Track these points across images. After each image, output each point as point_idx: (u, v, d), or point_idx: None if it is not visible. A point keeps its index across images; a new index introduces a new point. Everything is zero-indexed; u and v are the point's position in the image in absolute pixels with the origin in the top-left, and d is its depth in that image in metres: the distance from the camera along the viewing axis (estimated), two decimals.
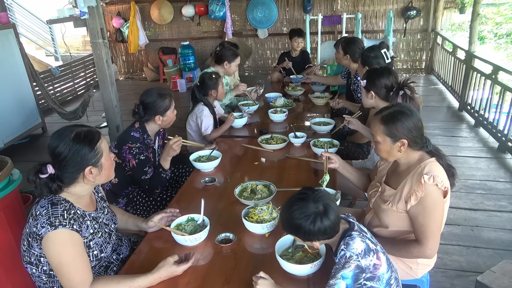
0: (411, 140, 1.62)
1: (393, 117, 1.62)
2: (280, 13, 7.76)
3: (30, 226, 1.46)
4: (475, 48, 5.19)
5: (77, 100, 6.94)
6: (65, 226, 1.41)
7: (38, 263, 1.53)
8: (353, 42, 3.44)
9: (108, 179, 1.63)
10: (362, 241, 1.33)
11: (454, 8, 7.31)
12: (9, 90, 4.91)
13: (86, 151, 1.48)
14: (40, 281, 1.59)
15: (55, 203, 1.46)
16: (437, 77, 7.15)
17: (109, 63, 3.75)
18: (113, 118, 3.97)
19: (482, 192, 3.43)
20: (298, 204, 1.36)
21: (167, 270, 1.48)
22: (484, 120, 4.70)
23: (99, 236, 1.61)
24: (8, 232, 2.28)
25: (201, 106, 3.09)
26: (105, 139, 1.61)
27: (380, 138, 1.67)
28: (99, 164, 1.53)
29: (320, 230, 1.33)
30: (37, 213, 1.44)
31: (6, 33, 4.85)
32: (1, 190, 2.19)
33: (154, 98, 2.35)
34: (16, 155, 4.81)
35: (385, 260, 1.36)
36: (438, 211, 1.58)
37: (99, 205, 1.72)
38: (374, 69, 2.35)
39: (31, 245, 1.49)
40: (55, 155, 1.48)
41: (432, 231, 1.57)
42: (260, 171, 2.42)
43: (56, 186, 1.47)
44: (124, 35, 8.22)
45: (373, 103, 2.28)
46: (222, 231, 1.78)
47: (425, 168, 1.60)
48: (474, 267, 2.56)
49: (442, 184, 1.56)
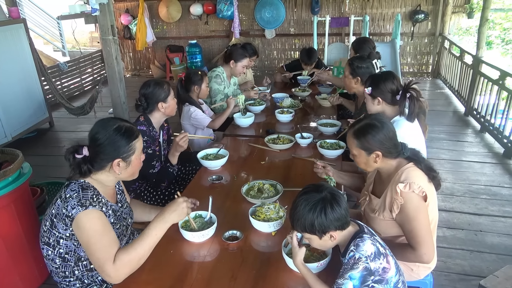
0: (384, 151, 1.65)
1: (364, 131, 1.65)
2: (287, 13, 7.77)
3: (59, 207, 1.52)
4: (483, 53, 5.18)
5: (84, 96, 6.99)
6: (94, 206, 1.51)
7: (56, 245, 1.58)
8: (364, 41, 3.44)
9: (132, 177, 1.71)
10: (372, 244, 1.33)
11: (463, 12, 7.30)
12: (18, 84, 4.96)
13: (121, 144, 1.58)
14: (53, 264, 1.63)
15: (85, 188, 1.54)
16: (444, 81, 7.14)
17: (118, 60, 3.79)
18: (121, 114, 4.00)
19: (486, 197, 3.44)
20: (303, 198, 1.37)
21: (170, 207, 1.57)
22: (490, 126, 4.70)
23: (117, 227, 1.67)
24: (18, 224, 2.32)
25: (187, 107, 3.10)
26: (142, 139, 1.69)
27: (355, 151, 1.71)
28: (128, 160, 1.62)
29: (332, 216, 1.32)
30: (67, 195, 1.51)
31: (17, 28, 4.90)
32: (12, 183, 2.23)
33: (153, 87, 2.43)
34: (23, 149, 4.78)
35: (394, 264, 1.36)
36: (422, 216, 1.58)
37: (119, 198, 1.78)
38: (377, 75, 2.34)
39: (55, 225, 1.54)
40: (93, 140, 1.58)
41: (422, 236, 1.57)
42: (266, 171, 2.44)
43: (86, 168, 1.56)
44: (132, 32, 8.27)
45: (379, 109, 2.28)
46: (229, 228, 1.80)
47: (402, 175, 1.61)
48: (477, 271, 2.56)
49: (420, 189, 1.57)
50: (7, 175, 2.17)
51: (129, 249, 1.49)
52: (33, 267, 2.45)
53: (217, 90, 3.52)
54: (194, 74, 3.16)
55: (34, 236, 2.46)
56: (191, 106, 3.08)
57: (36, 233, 2.48)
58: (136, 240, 1.52)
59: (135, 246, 1.50)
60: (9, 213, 2.25)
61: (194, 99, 3.17)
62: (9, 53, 4.80)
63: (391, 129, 1.67)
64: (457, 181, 3.73)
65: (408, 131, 2.17)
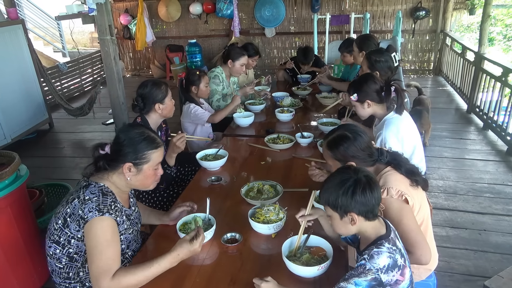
0: (358, 161, 1.63)
1: (336, 143, 1.66)
2: (287, 12, 7.73)
3: (75, 207, 1.51)
4: (485, 50, 5.13)
5: (84, 97, 6.96)
6: (111, 214, 1.50)
7: (66, 244, 1.56)
8: (368, 38, 3.39)
9: (143, 187, 1.69)
10: (389, 257, 1.26)
11: (464, 9, 7.24)
12: (17, 85, 4.94)
13: (137, 149, 1.58)
14: (57, 264, 1.61)
15: (105, 194, 1.54)
16: (445, 78, 7.09)
17: (116, 60, 3.76)
18: (120, 114, 3.98)
19: (490, 195, 3.40)
20: (339, 172, 1.36)
21: (183, 247, 1.49)
22: (493, 123, 4.65)
23: (130, 232, 1.67)
24: (15, 227, 2.29)
25: (187, 105, 3.08)
26: (162, 153, 1.68)
27: (330, 162, 1.71)
28: (140, 168, 1.60)
29: (359, 198, 1.28)
30: (87, 197, 1.50)
31: (15, 29, 4.88)
32: (8, 186, 2.21)
33: (150, 87, 2.39)
34: (23, 150, 4.84)
35: (409, 276, 1.31)
36: (408, 219, 1.54)
37: (132, 202, 1.77)
38: (357, 81, 2.31)
39: (68, 225, 1.53)
40: (115, 138, 1.61)
41: (413, 238, 1.53)
42: (266, 171, 2.40)
43: (102, 165, 1.58)
44: (132, 32, 8.25)
45: (370, 111, 2.25)
46: (228, 230, 1.77)
47: (380, 181, 1.59)
48: (482, 271, 2.53)
49: (399, 193, 1.54)
50: (3, 178, 2.15)
51: (132, 275, 1.42)
52: (31, 271, 2.43)
53: (215, 91, 3.49)
54: (192, 74, 3.14)
55: (32, 240, 2.43)
56: (190, 104, 3.06)
57: (34, 236, 2.47)
58: (141, 267, 1.45)
59: (138, 274, 1.43)
60: (6, 216, 2.22)
61: (194, 98, 3.14)
62: (7, 55, 4.78)
63: (364, 139, 1.65)
64: (460, 179, 3.69)
65: (402, 128, 2.16)
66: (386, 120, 2.20)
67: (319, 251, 1.57)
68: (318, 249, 1.58)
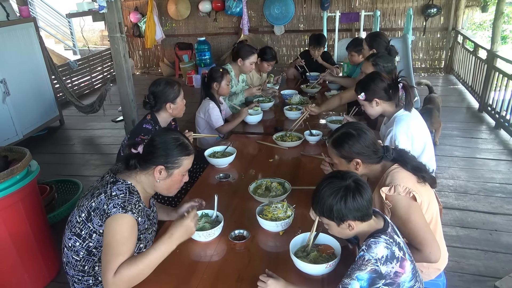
0: (364, 158, 1.64)
1: (341, 141, 1.66)
2: (297, 9, 7.69)
3: (101, 202, 1.52)
4: (498, 48, 5.05)
5: (94, 94, 7.03)
6: (134, 214, 1.51)
7: (87, 238, 1.57)
8: (378, 35, 3.35)
9: (168, 193, 1.69)
10: (386, 247, 1.27)
11: (476, 6, 7.13)
12: (28, 83, 5.00)
13: (171, 153, 1.59)
14: (74, 256, 1.62)
15: (131, 192, 1.55)
16: (457, 77, 6.99)
17: (126, 58, 3.77)
18: (129, 112, 4.00)
19: (502, 195, 3.34)
20: (327, 181, 1.36)
21: (175, 225, 1.52)
22: (506, 122, 4.58)
23: (149, 232, 1.68)
24: (26, 223, 2.32)
25: (207, 101, 3.08)
26: (192, 160, 1.69)
27: (336, 160, 1.72)
28: (171, 172, 1.61)
29: (352, 205, 1.30)
30: (113, 193, 1.52)
31: (27, 27, 4.94)
32: (19, 181, 2.23)
33: (163, 86, 2.39)
34: (34, 147, 4.89)
35: (410, 269, 1.31)
36: (416, 216, 1.53)
37: (151, 202, 1.78)
38: (363, 80, 2.29)
39: (91, 219, 1.54)
40: (150, 140, 1.64)
41: (422, 236, 1.52)
42: (274, 169, 2.40)
43: (133, 163, 1.60)
44: (141, 30, 8.29)
45: (380, 110, 2.24)
46: (236, 227, 1.77)
47: (387, 178, 1.60)
48: (492, 272, 2.49)
49: (406, 191, 1.53)
50: (15, 173, 2.17)
51: (132, 265, 1.42)
52: (42, 265, 2.46)
53: None
54: (215, 71, 3.13)
55: (42, 234, 2.46)
56: (210, 102, 3.06)
57: (44, 231, 2.50)
58: (140, 257, 1.44)
59: (138, 263, 1.43)
60: (17, 211, 2.25)
61: (214, 95, 3.13)
62: (20, 52, 4.84)
63: (369, 136, 1.65)
64: (471, 179, 3.64)
65: (412, 125, 2.14)
66: (396, 117, 2.18)
67: (327, 249, 1.56)
68: (326, 247, 1.57)
